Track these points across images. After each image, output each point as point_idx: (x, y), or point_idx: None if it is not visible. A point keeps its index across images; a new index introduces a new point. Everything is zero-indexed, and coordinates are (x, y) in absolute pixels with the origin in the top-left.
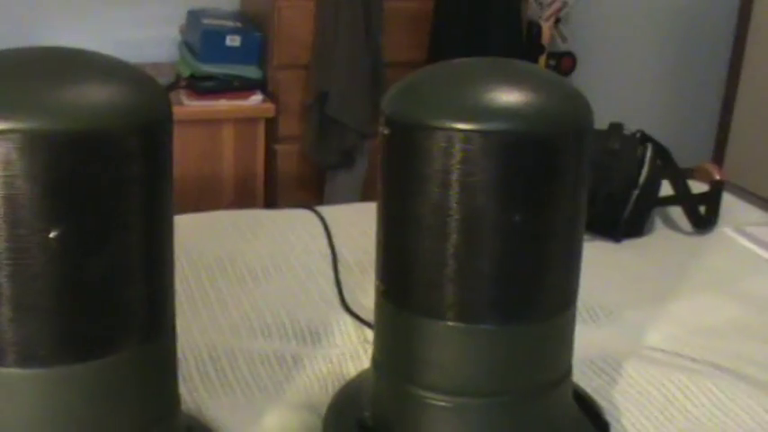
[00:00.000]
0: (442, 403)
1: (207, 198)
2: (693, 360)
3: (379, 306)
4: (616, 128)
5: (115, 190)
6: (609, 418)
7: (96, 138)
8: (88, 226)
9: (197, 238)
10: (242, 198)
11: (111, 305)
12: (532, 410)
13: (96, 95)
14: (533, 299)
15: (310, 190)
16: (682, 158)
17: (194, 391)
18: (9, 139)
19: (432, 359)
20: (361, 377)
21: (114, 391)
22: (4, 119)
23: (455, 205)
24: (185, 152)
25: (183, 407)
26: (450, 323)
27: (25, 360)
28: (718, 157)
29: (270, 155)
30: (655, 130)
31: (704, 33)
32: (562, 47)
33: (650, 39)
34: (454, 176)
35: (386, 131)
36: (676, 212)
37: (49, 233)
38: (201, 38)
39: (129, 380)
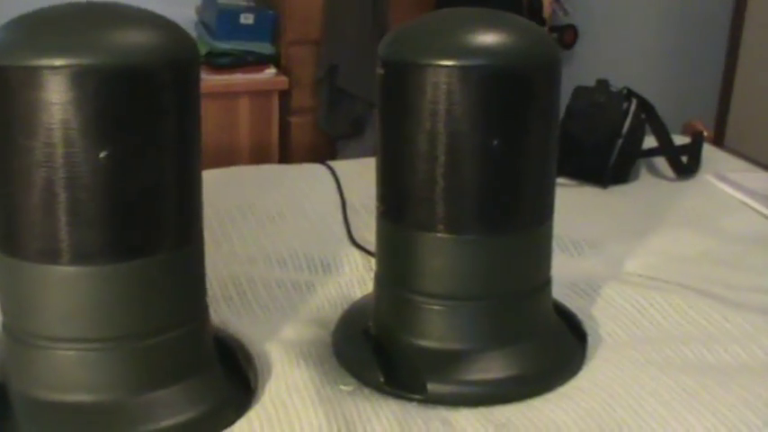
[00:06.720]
0: (435, 307)
1: (224, 167)
2: (666, 282)
3: (380, 226)
4: (602, 84)
5: (152, 117)
6: (587, 329)
7: (134, 72)
8: (130, 148)
9: (219, 189)
10: None
11: (149, 214)
12: (514, 313)
13: (134, 37)
14: (512, 212)
15: (322, 160)
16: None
17: (219, 311)
18: (63, 73)
19: (425, 268)
20: (366, 298)
21: (152, 287)
22: (60, 56)
23: (443, 131)
24: (204, 124)
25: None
26: (439, 234)
27: (77, 259)
28: (720, 125)
29: (284, 126)
30: (657, 99)
31: (704, 2)
32: (564, 20)
33: (651, 9)
34: (441, 107)
35: (381, 71)
36: (661, 163)
37: (99, 154)
38: (217, 17)
39: (165, 279)
